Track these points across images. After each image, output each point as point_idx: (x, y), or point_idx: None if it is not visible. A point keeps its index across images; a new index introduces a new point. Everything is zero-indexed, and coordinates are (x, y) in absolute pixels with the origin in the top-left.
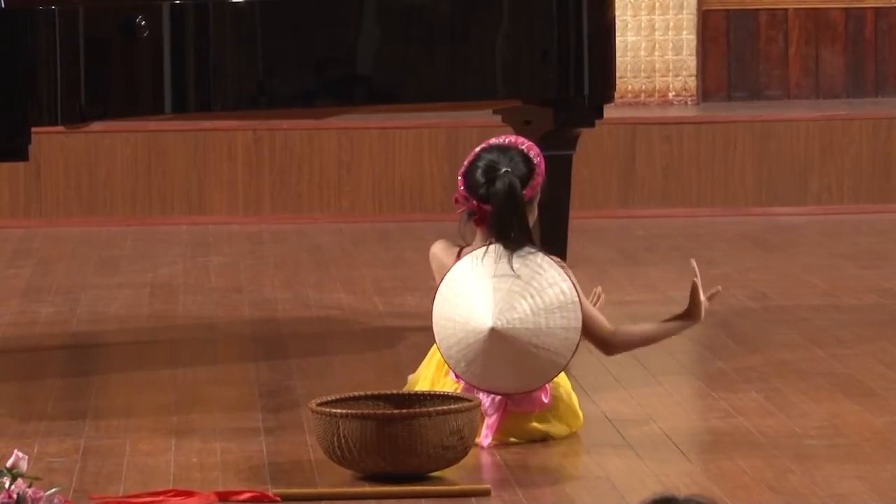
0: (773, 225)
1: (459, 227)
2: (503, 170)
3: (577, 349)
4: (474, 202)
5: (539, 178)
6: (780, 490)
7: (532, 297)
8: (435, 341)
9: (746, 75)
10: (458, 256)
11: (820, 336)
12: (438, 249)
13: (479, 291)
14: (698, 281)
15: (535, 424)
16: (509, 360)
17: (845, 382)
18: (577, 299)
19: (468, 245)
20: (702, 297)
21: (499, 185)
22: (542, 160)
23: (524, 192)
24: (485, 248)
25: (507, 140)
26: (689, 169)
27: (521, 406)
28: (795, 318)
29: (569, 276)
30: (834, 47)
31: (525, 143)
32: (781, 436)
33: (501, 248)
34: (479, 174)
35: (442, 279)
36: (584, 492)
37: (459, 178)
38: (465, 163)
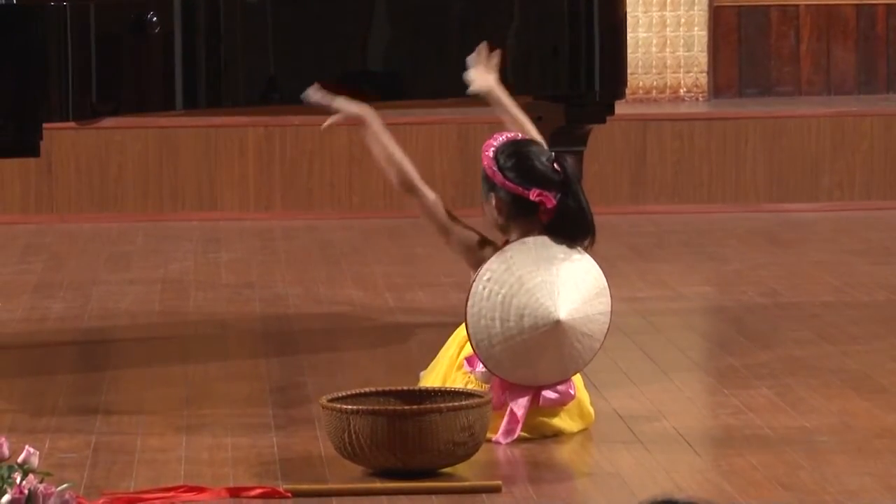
0: (784, 221)
1: (503, 225)
2: (554, 152)
3: (608, 332)
4: (552, 194)
5: None
6: (791, 486)
7: (577, 287)
8: (452, 340)
9: (758, 71)
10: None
11: (831, 332)
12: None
13: (531, 287)
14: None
15: (547, 420)
16: (560, 351)
17: (856, 379)
18: (606, 284)
19: (506, 242)
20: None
21: (567, 165)
22: None
23: None
24: (512, 245)
25: (510, 136)
26: (700, 165)
27: (553, 401)
28: (806, 315)
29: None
30: (845, 43)
31: (521, 135)
32: (792, 432)
33: (539, 239)
34: (541, 165)
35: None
36: (594, 488)
37: (510, 182)
38: (501, 166)
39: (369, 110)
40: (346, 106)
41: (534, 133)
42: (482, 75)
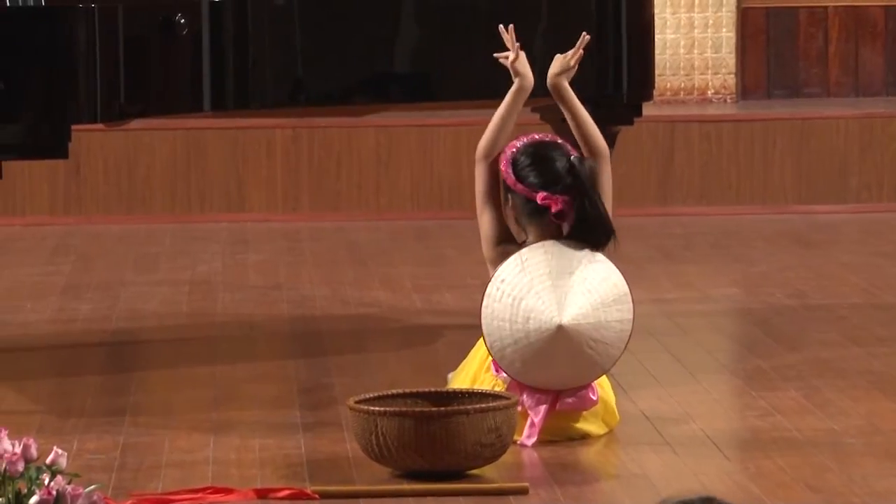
0: (812, 223)
1: (520, 228)
2: (574, 156)
3: (629, 340)
4: (559, 197)
5: None
6: (819, 488)
7: (590, 292)
8: (483, 341)
9: (786, 73)
10: None
11: (859, 334)
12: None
13: (540, 290)
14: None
15: (573, 423)
16: (571, 357)
17: (884, 381)
18: (628, 290)
19: (524, 242)
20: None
21: (582, 170)
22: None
23: None
24: (529, 247)
25: (536, 137)
26: (728, 167)
27: (573, 405)
28: (834, 317)
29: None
30: (874, 45)
31: (549, 137)
32: (820, 434)
33: (548, 244)
34: (554, 167)
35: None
36: (622, 490)
37: (520, 184)
38: (516, 167)
39: (529, 82)
40: (520, 64)
41: (596, 136)
42: (556, 68)
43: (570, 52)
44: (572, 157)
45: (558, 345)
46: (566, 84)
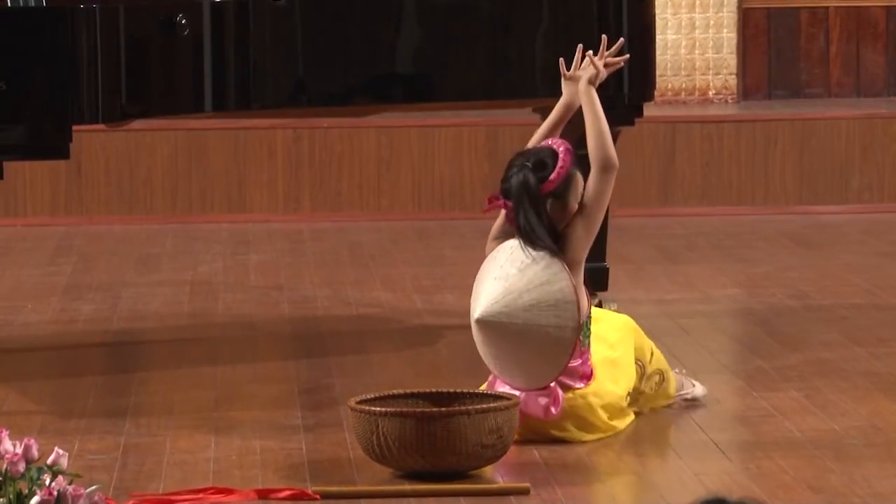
0: (813, 223)
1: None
2: (519, 164)
3: (574, 348)
4: (501, 200)
5: (560, 172)
6: (820, 489)
7: (528, 292)
8: None
9: (787, 73)
10: None
11: (860, 335)
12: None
13: (482, 285)
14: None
15: (550, 430)
16: (504, 354)
17: (885, 381)
18: (574, 299)
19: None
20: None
21: (513, 179)
22: (570, 155)
23: (542, 185)
24: (504, 243)
25: (544, 143)
26: (729, 167)
27: (528, 409)
28: (836, 317)
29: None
30: (875, 45)
31: (555, 142)
32: (821, 435)
33: (515, 243)
34: (505, 174)
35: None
36: (623, 491)
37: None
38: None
39: (572, 99)
40: (567, 83)
41: (609, 149)
42: (583, 75)
43: (597, 58)
44: (527, 164)
45: (485, 340)
46: (594, 93)
